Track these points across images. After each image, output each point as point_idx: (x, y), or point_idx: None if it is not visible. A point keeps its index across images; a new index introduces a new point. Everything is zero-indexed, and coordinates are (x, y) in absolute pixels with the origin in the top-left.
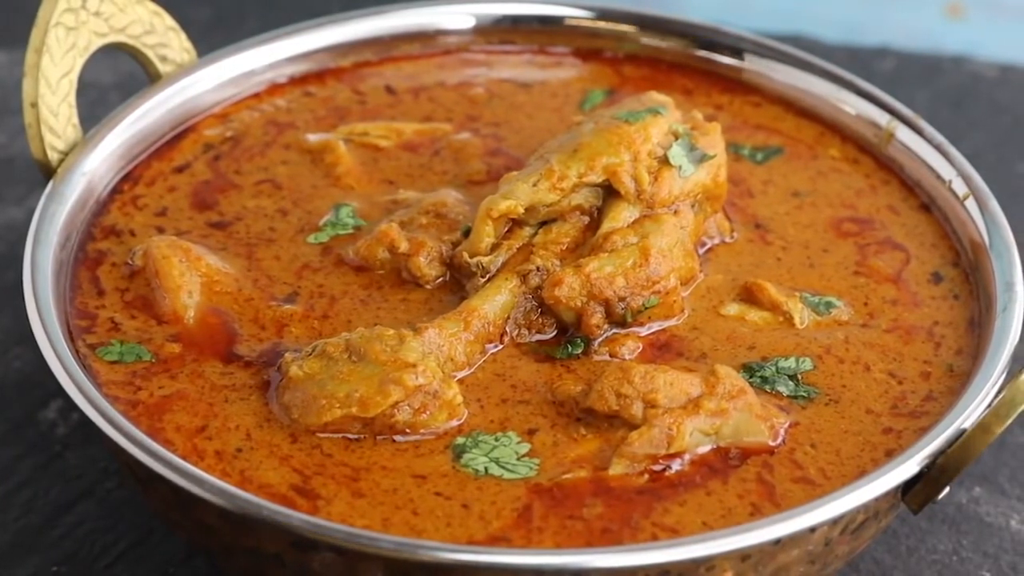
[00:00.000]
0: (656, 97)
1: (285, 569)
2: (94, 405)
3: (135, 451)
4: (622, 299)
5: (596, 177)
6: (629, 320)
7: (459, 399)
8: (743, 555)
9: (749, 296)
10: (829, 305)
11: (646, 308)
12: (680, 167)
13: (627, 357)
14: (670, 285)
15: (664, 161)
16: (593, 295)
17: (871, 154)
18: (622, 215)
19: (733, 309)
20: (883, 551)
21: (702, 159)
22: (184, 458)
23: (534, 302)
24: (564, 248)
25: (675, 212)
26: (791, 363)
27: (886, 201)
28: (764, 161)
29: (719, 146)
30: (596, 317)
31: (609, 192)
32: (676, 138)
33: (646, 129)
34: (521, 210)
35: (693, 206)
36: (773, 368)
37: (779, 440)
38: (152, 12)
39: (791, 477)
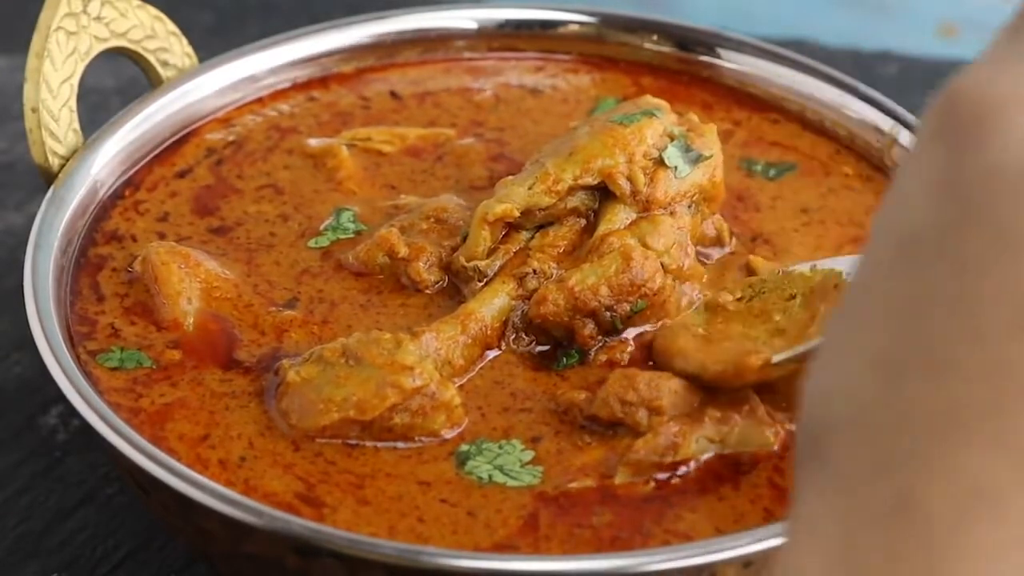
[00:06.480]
0: (651, 100)
1: (287, 575)
2: (96, 412)
3: (139, 458)
4: (608, 308)
5: (591, 179)
6: (619, 327)
7: (457, 401)
8: (745, 561)
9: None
10: None
11: (634, 312)
12: (676, 168)
13: (627, 362)
14: (656, 286)
15: (660, 162)
16: (578, 308)
17: (885, 172)
18: (618, 217)
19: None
20: None
21: (698, 160)
22: (189, 467)
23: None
24: (561, 251)
25: (671, 213)
26: None
27: None
28: (776, 178)
29: (715, 147)
30: (588, 328)
31: (605, 194)
32: (672, 140)
33: (641, 131)
34: (517, 213)
35: (690, 207)
36: None
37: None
38: (153, 17)
39: None
